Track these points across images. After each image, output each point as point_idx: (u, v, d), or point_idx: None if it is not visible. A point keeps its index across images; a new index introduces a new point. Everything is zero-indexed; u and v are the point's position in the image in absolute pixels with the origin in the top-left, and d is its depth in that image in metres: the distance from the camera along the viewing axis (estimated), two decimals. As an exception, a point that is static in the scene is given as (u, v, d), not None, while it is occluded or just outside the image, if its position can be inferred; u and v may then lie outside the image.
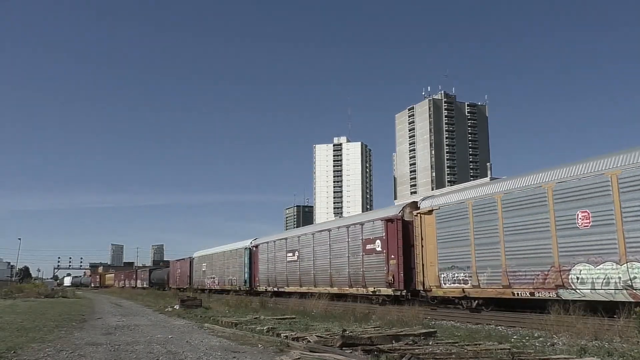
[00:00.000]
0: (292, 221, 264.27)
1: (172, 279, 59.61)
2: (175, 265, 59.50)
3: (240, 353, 8.87)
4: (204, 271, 47.17)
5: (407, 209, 20.55)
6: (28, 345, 10.02)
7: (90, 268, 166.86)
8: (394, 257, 20.26)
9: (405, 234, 20.19)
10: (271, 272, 31.98)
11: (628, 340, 9.23)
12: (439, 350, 8.36)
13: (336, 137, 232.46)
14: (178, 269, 57.32)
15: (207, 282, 45.59)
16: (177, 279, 56.69)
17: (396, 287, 20.08)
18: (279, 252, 31.06)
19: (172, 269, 60.68)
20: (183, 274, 54.26)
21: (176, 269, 58.14)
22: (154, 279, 70.54)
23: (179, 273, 56.05)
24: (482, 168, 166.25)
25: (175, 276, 57.98)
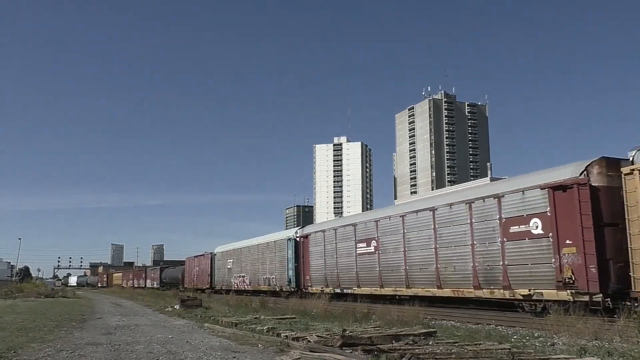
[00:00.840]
0: (292, 221, 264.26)
1: (187, 278, 53.76)
2: (192, 262, 52.85)
3: (240, 353, 8.87)
4: (229, 269, 40.71)
5: (597, 168, 13.86)
6: (28, 345, 10.02)
7: (90, 268, 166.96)
8: (572, 242, 13.78)
9: (594, 207, 13.53)
10: (330, 268, 25.63)
11: (628, 340, 9.23)
12: (439, 350, 8.36)
13: (336, 137, 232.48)
14: (195, 267, 51.12)
15: (235, 281, 39.26)
16: (194, 279, 50.94)
17: (581, 287, 13.44)
18: (343, 242, 24.73)
19: (188, 267, 54.26)
20: (202, 272, 48.38)
21: (193, 267, 52.09)
22: (166, 279, 64.58)
23: (197, 271, 50.26)
24: (482, 168, 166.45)
25: (191, 275, 52.18)
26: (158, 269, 71.77)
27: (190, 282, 51.54)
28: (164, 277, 65.93)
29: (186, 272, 54.93)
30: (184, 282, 54.74)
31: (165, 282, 64.03)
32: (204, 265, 47.76)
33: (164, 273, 67.23)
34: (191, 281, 51.47)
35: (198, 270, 49.84)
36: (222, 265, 42.63)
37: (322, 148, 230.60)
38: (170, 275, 63.60)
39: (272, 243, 33.55)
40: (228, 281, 40.75)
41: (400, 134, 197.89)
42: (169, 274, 65.05)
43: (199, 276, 48.96)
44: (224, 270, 42.02)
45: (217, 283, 43.47)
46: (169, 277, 63.47)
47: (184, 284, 53.94)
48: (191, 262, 53.48)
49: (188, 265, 54.71)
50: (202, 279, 47.92)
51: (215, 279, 44.32)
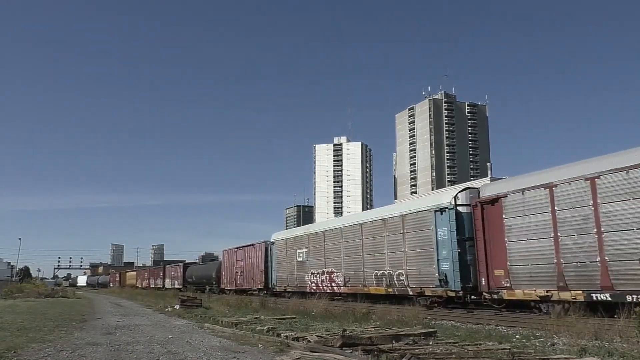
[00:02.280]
0: (292, 221, 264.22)
1: (226, 276, 42.74)
2: (234, 255, 40.87)
3: (240, 353, 8.87)
4: (301, 262, 29.30)
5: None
6: (28, 345, 10.01)
7: (90, 268, 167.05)
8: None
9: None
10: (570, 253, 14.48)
11: (628, 340, 9.22)
12: (439, 350, 8.36)
13: (336, 137, 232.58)
14: (239, 261, 39.66)
15: (314, 280, 27.53)
16: (236, 277, 39.84)
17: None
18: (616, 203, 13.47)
19: (228, 262, 42.63)
20: (251, 268, 37.21)
21: (234, 262, 40.60)
22: (192, 277, 54.05)
23: (242, 267, 38.84)
24: (482, 168, 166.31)
25: (232, 272, 40.82)
26: (181, 266, 60.27)
27: (231, 281, 40.93)
28: (189, 275, 55.57)
29: (223, 269, 43.77)
30: (219, 281, 44.44)
31: (190, 282, 53.40)
32: (255, 259, 36.68)
33: (190, 271, 56.38)
34: (231, 280, 40.68)
35: (244, 266, 38.67)
36: (287, 258, 31.19)
37: (322, 148, 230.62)
38: (199, 273, 52.88)
39: (396, 218, 21.66)
40: (299, 279, 29.32)
41: (401, 134, 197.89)
42: (197, 271, 54.23)
43: (246, 273, 38.11)
44: (291, 264, 30.63)
45: (278, 282, 32.33)
46: (197, 276, 52.96)
47: (220, 283, 43.85)
48: (232, 255, 41.65)
49: (227, 259, 43.12)
50: (250, 277, 37.20)
51: (275, 277, 32.92)
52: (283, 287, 31.51)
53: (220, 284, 44.20)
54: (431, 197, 23.98)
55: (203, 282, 49.99)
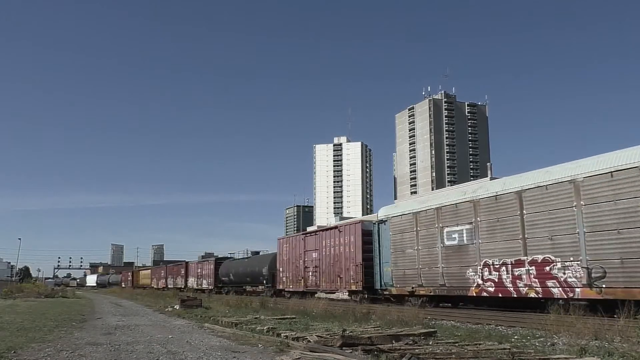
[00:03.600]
0: (292, 221, 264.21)
1: (286, 273, 31.33)
2: (301, 244, 29.74)
3: (240, 353, 8.87)
4: (455, 246, 18.68)
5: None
6: (28, 345, 10.01)
7: (90, 268, 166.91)
8: None
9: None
10: None
11: (628, 340, 9.21)
12: (439, 350, 8.36)
13: (336, 137, 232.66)
14: (312, 252, 28.33)
15: (492, 275, 17.14)
16: (306, 274, 28.66)
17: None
18: None
19: (289, 254, 31.14)
20: (336, 261, 25.91)
21: (301, 253, 29.37)
22: (229, 275, 43.30)
23: (319, 260, 27.52)
24: (482, 168, 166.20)
25: (298, 268, 29.65)
26: (212, 261, 49.05)
27: (296, 280, 29.80)
28: (224, 273, 44.70)
29: (281, 264, 32.15)
30: (274, 280, 33.44)
31: (227, 282, 43.97)
32: (343, 248, 25.32)
33: (226, 267, 45.01)
34: (297, 278, 29.70)
35: (321, 258, 27.29)
36: (419, 241, 20.39)
37: (322, 148, 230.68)
38: (241, 269, 41.36)
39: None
40: (452, 276, 18.85)
41: (400, 134, 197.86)
42: (238, 267, 42.52)
43: (326, 269, 26.69)
44: (429, 251, 19.88)
45: (397, 281, 21.23)
46: (238, 274, 41.73)
47: (277, 283, 32.69)
48: (296, 244, 30.48)
49: (287, 250, 31.47)
50: (335, 273, 25.76)
51: (389, 273, 21.64)
52: (411, 287, 20.27)
53: (275, 284, 32.86)
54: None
55: (246, 282, 40.05)
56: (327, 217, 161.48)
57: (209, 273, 48.79)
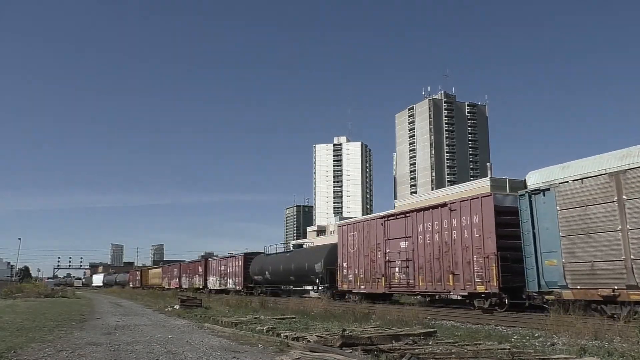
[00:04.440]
0: (292, 221, 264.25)
1: (352, 269, 24.92)
2: (376, 230, 23.49)
3: (240, 353, 8.87)
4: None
5: None
6: (28, 345, 10.01)
7: (90, 268, 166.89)
8: None
9: None
10: None
11: (628, 340, 9.22)
12: (439, 350, 8.36)
13: (336, 137, 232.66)
14: (399, 242, 21.90)
15: None
16: (389, 270, 22.36)
17: None
18: None
19: (355, 244, 24.78)
20: (444, 251, 19.40)
21: (379, 243, 23.06)
22: (264, 274, 36.23)
23: (409, 251, 21.17)
24: (482, 168, 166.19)
25: (374, 262, 23.32)
26: (240, 257, 42.09)
27: (371, 278, 23.40)
28: (257, 270, 37.69)
29: (344, 257, 25.55)
30: (333, 279, 26.99)
31: (261, 281, 37.29)
32: (459, 232, 18.91)
33: (259, 263, 37.86)
34: (373, 277, 23.24)
35: (416, 247, 20.86)
36: (619, 217, 13.00)
37: (322, 148, 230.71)
38: (282, 267, 33.93)
39: None
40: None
41: (400, 134, 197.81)
42: (276, 264, 35.05)
43: (432, 263, 19.99)
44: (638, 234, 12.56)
45: (571, 279, 13.98)
46: (276, 271, 34.66)
47: (337, 282, 26.09)
48: (368, 230, 24.09)
49: (353, 239, 24.96)
50: (446, 269, 19.24)
51: (544, 269, 14.79)
52: (610, 290, 13.11)
53: (336, 284, 26.30)
54: None
55: (289, 281, 33.37)
56: (327, 217, 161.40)
57: (236, 271, 42.27)
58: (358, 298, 24.61)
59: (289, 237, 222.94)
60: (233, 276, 43.05)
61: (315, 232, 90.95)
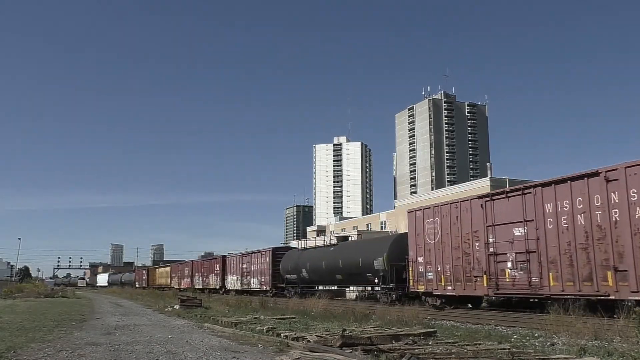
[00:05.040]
0: (292, 221, 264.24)
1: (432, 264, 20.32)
2: (473, 213, 18.61)
3: (240, 353, 8.87)
4: None
5: None
6: (28, 345, 10.00)
7: (90, 268, 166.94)
8: None
9: None
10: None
11: (628, 340, 9.22)
12: (439, 350, 8.35)
13: (336, 137, 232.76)
14: (511, 228, 17.03)
15: None
16: (496, 265, 17.43)
17: None
18: None
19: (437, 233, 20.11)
20: (595, 239, 14.46)
21: (483, 228, 18.03)
22: (298, 272, 31.69)
23: (530, 240, 16.36)
24: (482, 168, 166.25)
25: (471, 256, 18.49)
26: (267, 252, 37.43)
27: (464, 275, 18.83)
28: (290, 268, 33.08)
29: (420, 249, 21.01)
30: (402, 277, 22.56)
31: (295, 280, 32.28)
32: (623, 211, 13.89)
33: (292, 259, 33.35)
34: (464, 273, 18.85)
35: (543, 234, 16.11)
36: None
37: (322, 148, 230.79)
38: (325, 263, 29.11)
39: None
40: None
41: (400, 134, 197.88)
42: (316, 260, 30.25)
43: (571, 254, 15.21)
44: None
45: None
46: (317, 269, 29.95)
47: (413, 282, 21.36)
48: (461, 212, 19.32)
49: (437, 225, 20.25)
50: (601, 262, 14.34)
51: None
52: None
53: (405, 283, 21.96)
54: None
55: (335, 280, 28.91)
56: (327, 217, 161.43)
57: (262, 269, 37.35)
58: (440, 302, 20.09)
59: (289, 237, 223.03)
60: (258, 275, 38.00)
61: (315, 232, 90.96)
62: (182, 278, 56.65)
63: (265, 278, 37.05)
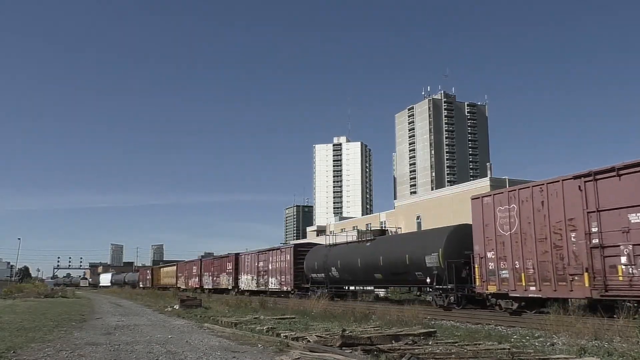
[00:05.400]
0: (292, 221, 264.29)
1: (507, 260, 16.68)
2: (582, 192, 14.51)
3: (240, 353, 8.87)
4: None
5: None
6: (28, 345, 10.01)
7: (90, 268, 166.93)
8: None
9: None
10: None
11: (628, 340, 9.22)
12: (439, 350, 8.36)
13: (336, 137, 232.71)
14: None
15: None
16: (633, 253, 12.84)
17: None
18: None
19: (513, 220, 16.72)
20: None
21: (592, 211, 14.14)
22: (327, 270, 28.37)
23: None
24: (482, 168, 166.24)
25: (578, 246, 14.52)
26: (288, 250, 34.32)
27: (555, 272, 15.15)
28: (316, 266, 29.70)
29: (490, 241, 17.56)
30: (469, 277, 18.88)
31: (321, 280, 29.20)
32: None
33: (318, 257, 29.85)
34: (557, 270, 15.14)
35: None
36: None
37: (322, 148, 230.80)
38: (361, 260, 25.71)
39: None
40: None
41: (400, 134, 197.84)
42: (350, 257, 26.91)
43: None
44: None
45: None
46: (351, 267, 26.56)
47: (482, 282, 17.69)
48: (558, 191, 15.46)
49: (515, 209, 16.78)
50: None
51: None
52: None
53: (469, 283, 19.00)
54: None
55: (372, 280, 25.42)
56: (326, 217, 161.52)
57: (282, 267, 33.90)
58: (518, 305, 16.58)
59: (289, 237, 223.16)
60: (277, 274, 34.53)
61: (315, 232, 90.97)
62: (190, 278, 53.89)
63: (286, 278, 33.50)
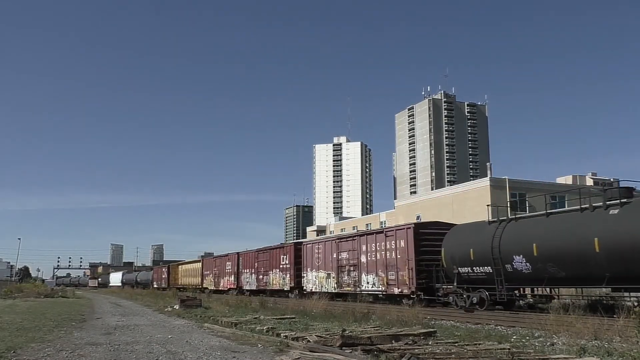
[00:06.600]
0: (292, 221, 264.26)
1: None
2: None
3: (240, 353, 8.87)
4: None
5: None
6: (28, 345, 10.01)
7: (90, 268, 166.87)
8: None
9: None
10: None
11: (628, 340, 9.22)
12: (439, 350, 8.36)
13: (336, 137, 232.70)
14: None
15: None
16: None
17: None
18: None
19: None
20: None
21: None
22: (499, 261, 16.34)
23: None
24: (482, 168, 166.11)
25: None
26: (403, 230, 22.29)
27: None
28: (472, 255, 17.70)
29: None
30: None
31: (486, 279, 17.13)
32: None
33: (468, 242, 18.24)
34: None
35: None
36: None
37: (322, 148, 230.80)
38: (603, 241, 13.57)
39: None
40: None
41: (400, 134, 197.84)
42: (544, 234, 15.52)
43: None
44: None
45: None
46: (558, 255, 14.83)
47: None
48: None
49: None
50: None
51: None
52: None
53: None
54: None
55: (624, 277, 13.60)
56: (326, 217, 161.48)
57: (389, 258, 22.47)
58: None
59: (289, 237, 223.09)
60: (380, 269, 23.10)
61: (315, 232, 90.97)
62: (222, 276, 43.65)
63: (401, 274, 21.62)
